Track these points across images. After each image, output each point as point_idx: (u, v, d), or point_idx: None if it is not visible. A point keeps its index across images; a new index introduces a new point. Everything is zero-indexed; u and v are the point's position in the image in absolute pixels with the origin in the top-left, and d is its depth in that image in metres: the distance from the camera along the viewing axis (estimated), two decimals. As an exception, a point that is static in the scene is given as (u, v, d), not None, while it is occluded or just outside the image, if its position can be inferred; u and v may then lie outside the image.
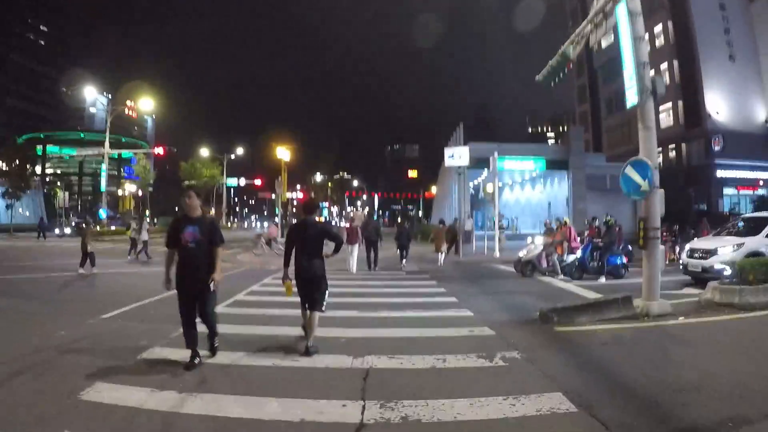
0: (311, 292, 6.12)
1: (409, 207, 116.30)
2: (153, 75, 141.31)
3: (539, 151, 36.86)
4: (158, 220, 64.05)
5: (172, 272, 5.47)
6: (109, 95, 78.90)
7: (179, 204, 7.09)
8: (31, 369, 5.26)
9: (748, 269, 9.06)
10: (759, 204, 30.63)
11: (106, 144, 34.32)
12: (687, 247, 13.43)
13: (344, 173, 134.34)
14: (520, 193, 44.92)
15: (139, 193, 75.39)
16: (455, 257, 20.68)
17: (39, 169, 74.76)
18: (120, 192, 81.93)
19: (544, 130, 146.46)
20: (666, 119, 41.74)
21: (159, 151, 44.71)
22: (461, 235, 22.11)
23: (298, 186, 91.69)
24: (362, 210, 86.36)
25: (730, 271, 10.66)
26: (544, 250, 14.38)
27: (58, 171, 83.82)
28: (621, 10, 8.83)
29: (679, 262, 14.64)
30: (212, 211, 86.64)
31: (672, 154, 42.88)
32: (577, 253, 14.05)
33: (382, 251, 17.03)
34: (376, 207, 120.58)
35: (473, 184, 34.46)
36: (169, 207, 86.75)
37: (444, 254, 18.85)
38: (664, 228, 17.52)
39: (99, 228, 35.99)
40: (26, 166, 45.97)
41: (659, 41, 41.40)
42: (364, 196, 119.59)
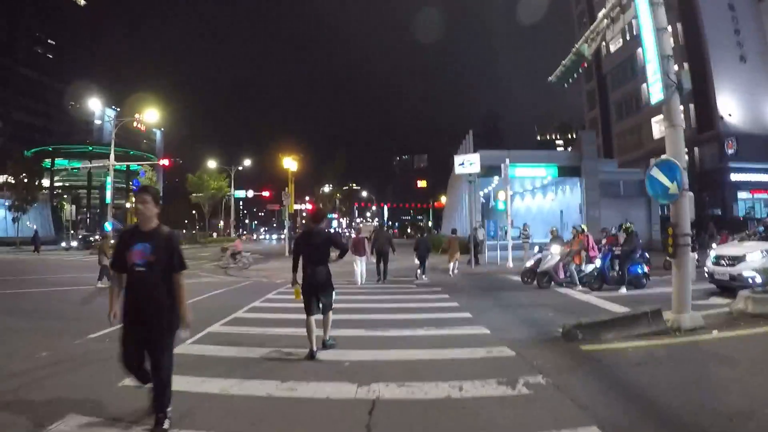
0: (319, 296, 6.55)
1: (419, 217, 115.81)
2: (161, 88, 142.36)
3: (551, 157, 36.15)
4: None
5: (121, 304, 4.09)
6: (117, 108, 79.20)
7: (186, 216, 6.33)
8: (3, 396, 4.81)
9: (781, 276, 8.43)
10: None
11: (111, 156, 33.98)
12: (712, 253, 12.68)
13: (353, 184, 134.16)
14: (531, 202, 44.13)
15: (147, 205, 75.08)
16: (467, 267, 20.01)
17: (47, 182, 74.87)
18: (128, 205, 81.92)
19: (553, 137, 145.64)
20: (677, 122, 40.90)
21: (164, 162, 44.68)
22: (472, 244, 21.58)
23: (306, 198, 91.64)
24: (371, 221, 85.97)
25: (760, 279, 10.07)
26: (561, 260, 13.70)
27: (66, 184, 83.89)
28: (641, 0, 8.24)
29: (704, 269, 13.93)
30: (221, 223, 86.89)
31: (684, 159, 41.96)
32: (595, 262, 13.34)
33: (395, 262, 16.53)
34: (385, 218, 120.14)
35: (483, 192, 33.79)
36: (179, 220, 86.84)
37: (456, 264, 18.33)
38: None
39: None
40: (33, 180, 45.85)
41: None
42: (373, 207, 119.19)
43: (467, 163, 22.22)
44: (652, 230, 28.71)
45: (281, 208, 39.19)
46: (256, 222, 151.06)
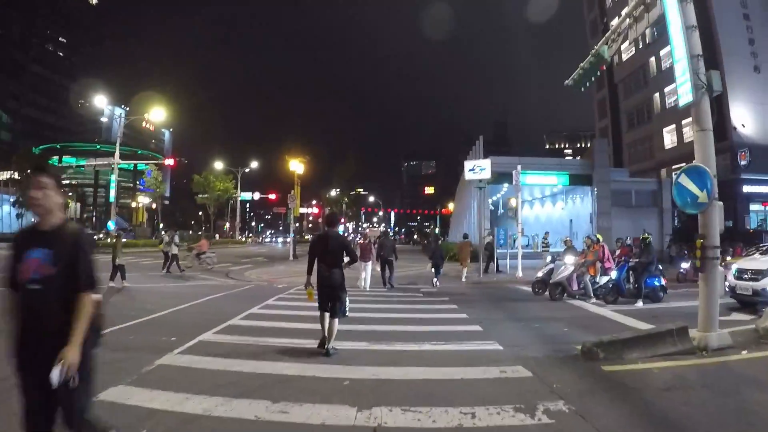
0: (331, 299, 6.70)
1: (426, 224, 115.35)
2: (171, 89, 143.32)
3: (562, 165, 35.60)
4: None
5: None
6: (126, 107, 79.19)
7: (192, 218, 5.68)
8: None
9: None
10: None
11: (116, 154, 33.69)
12: (734, 267, 12.09)
13: (360, 189, 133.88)
14: (540, 210, 43.50)
15: (153, 205, 75.05)
16: (476, 276, 19.44)
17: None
18: (134, 204, 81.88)
19: (563, 146, 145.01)
20: (689, 133, 40.20)
21: (169, 162, 44.37)
22: (484, 253, 21.29)
23: (313, 201, 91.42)
24: (378, 227, 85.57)
25: (785, 294, 9.43)
26: (575, 271, 13.11)
27: (73, 182, 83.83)
28: (669, -4, 7.72)
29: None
30: (227, 225, 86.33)
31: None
32: (611, 274, 12.75)
33: (402, 269, 16.10)
34: (392, 223, 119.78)
35: (492, 200, 33.24)
36: (186, 219, 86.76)
37: (467, 269, 18.18)
38: (687, 247, 16.29)
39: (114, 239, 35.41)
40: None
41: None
42: (380, 213, 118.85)
43: (477, 168, 21.61)
44: (663, 241, 28.03)
45: (287, 211, 38.87)
46: (262, 225, 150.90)
